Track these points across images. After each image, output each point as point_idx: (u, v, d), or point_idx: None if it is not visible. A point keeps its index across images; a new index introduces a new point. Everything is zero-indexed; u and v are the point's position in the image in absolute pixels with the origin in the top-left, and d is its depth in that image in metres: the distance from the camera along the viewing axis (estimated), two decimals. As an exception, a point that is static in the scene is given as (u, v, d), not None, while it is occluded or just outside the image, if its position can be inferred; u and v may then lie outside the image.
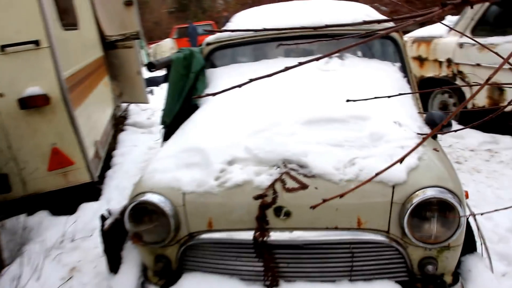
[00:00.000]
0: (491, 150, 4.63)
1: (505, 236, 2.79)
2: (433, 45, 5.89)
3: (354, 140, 2.00)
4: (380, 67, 2.77)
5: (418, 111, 2.55)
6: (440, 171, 1.87)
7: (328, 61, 2.79)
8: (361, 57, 2.89)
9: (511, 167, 4.17)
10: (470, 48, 5.16)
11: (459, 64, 5.39)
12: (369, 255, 1.83)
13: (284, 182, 1.83)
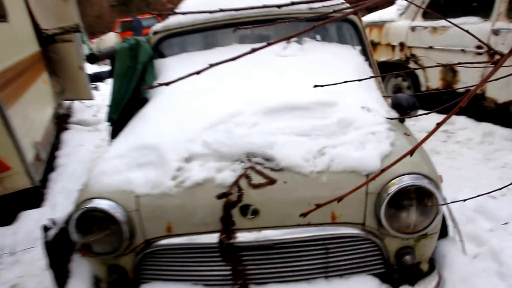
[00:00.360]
0: (448, 131, 4.71)
1: (473, 217, 2.80)
2: (385, 30, 5.93)
3: (321, 128, 1.88)
4: (341, 51, 2.67)
5: (382, 95, 2.48)
6: (415, 157, 1.78)
7: (286, 46, 2.65)
8: (320, 41, 2.78)
9: (468, 146, 4.25)
10: (422, 31, 5.22)
11: (412, 47, 5.45)
12: (345, 250, 1.72)
13: (250, 177, 1.68)
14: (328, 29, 2.91)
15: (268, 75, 2.34)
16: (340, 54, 2.62)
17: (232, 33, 2.81)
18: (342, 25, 2.89)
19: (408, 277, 1.81)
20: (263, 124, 1.90)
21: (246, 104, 2.04)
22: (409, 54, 5.50)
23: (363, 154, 1.73)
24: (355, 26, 2.85)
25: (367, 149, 1.76)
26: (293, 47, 2.65)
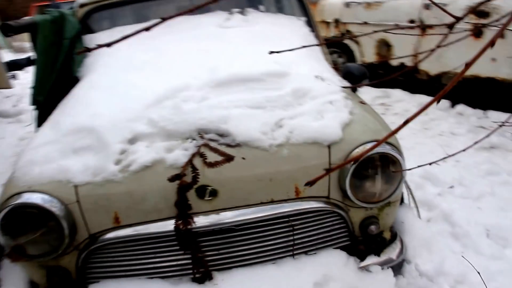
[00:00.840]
0: (385, 104, 4.81)
1: (421, 183, 2.85)
2: (320, 7, 5.92)
3: (276, 99, 1.76)
4: (286, 22, 2.55)
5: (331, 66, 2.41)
6: (374, 124, 1.73)
7: (229, 18, 2.49)
8: (264, 12, 2.64)
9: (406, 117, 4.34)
10: (356, 7, 5.26)
11: (346, 23, 5.49)
12: (310, 225, 1.64)
13: (204, 156, 1.52)
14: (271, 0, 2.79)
15: (213, 47, 2.17)
16: (285, 25, 2.50)
17: (169, 4, 2.60)
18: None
19: (373, 247, 1.77)
20: (213, 98, 1.75)
21: (192, 77, 1.87)
22: (344, 30, 5.54)
23: (323, 124, 1.63)
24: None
25: (327, 119, 1.67)
26: (236, 18, 2.49)
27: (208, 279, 1.56)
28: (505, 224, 2.39)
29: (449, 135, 3.79)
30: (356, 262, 1.71)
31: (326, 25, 5.86)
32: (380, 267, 1.73)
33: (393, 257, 1.78)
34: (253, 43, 2.20)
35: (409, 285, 1.83)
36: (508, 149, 3.37)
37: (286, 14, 2.71)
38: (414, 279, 1.84)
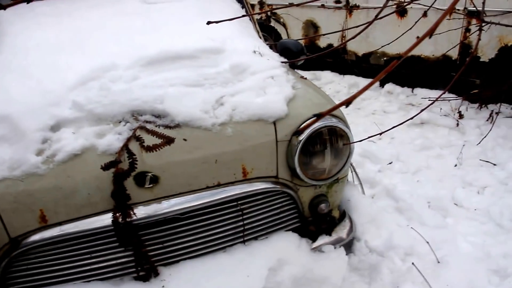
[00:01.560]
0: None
1: (360, 161, 2.95)
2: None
3: (214, 76, 1.70)
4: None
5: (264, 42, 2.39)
6: (318, 98, 1.74)
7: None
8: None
9: (337, 99, 4.49)
10: (281, -12, 5.29)
11: (271, 5, 5.51)
12: (260, 208, 1.61)
13: (141, 139, 1.43)
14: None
15: (138, 24, 2.05)
16: (215, 1, 2.44)
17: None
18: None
19: (324, 227, 1.78)
20: (145, 77, 1.65)
21: (119, 56, 1.75)
22: (270, 12, 5.57)
23: (266, 100, 1.61)
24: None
25: (270, 94, 1.64)
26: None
27: (153, 275, 1.48)
28: (443, 194, 2.55)
29: (381, 113, 3.96)
30: (308, 244, 1.72)
31: (251, 7, 5.84)
32: (332, 246, 1.75)
33: (343, 236, 1.81)
34: (182, 19, 2.12)
35: (361, 262, 1.87)
36: (437, 124, 3.60)
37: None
38: (365, 256, 1.89)
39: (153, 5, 2.26)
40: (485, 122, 3.48)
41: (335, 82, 4.87)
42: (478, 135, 3.30)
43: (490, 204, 2.42)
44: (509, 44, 3.62)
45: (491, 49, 3.77)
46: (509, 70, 3.55)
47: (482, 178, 2.72)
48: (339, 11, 4.79)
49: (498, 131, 3.32)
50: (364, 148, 3.04)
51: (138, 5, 2.25)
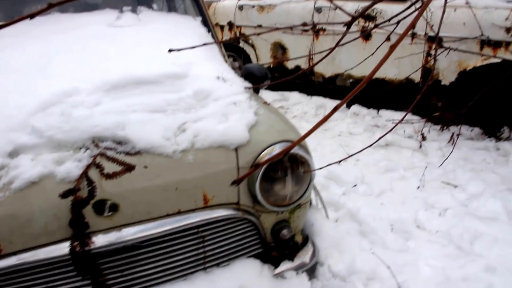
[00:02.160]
0: (284, 107, 5.01)
1: (325, 184, 3.01)
2: (213, 9, 5.98)
3: (177, 102, 1.73)
4: (182, 21, 2.54)
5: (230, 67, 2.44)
6: (280, 124, 1.78)
7: (120, 16, 2.40)
8: (158, 10, 2.59)
9: (305, 120, 4.59)
10: (249, 10, 5.41)
11: (240, 26, 5.62)
12: (222, 235, 1.63)
13: (101, 166, 1.44)
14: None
15: (104, 47, 2.06)
16: (181, 24, 2.48)
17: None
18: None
19: (286, 252, 1.82)
20: (107, 103, 1.66)
21: (82, 81, 1.75)
22: (239, 34, 5.67)
23: (228, 126, 1.64)
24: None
25: (232, 121, 1.68)
26: (128, 17, 2.40)
27: (112, 305, 1.47)
28: (405, 217, 2.62)
29: (347, 135, 4.06)
30: (270, 270, 1.74)
31: (220, 28, 5.94)
32: (295, 272, 1.78)
33: (306, 260, 1.85)
34: (147, 44, 2.15)
35: (324, 287, 1.91)
36: (401, 146, 3.72)
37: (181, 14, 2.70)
38: (328, 280, 1.93)
39: (120, 29, 2.28)
40: (446, 144, 3.62)
41: (303, 103, 4.97)
42: (440, 157, 3.42)
43: (451, 227, 2.51)
44: (468, 69, 3.80)
45: (451, 73, 3.94)
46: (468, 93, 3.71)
47: (444, 200, 2.83)
48: (306, 33, 4.92)
49: (459, 152, 3.46)
50: (329, 170, 3.11)
51: (105, 29, 2.27)
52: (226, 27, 5.85)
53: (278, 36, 5.20)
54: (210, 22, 2.74)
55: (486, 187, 2.90)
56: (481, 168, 3.28)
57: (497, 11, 3.56)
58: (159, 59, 1.96)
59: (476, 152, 3.52)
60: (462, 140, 3.70)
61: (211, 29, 2.69)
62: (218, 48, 2.59)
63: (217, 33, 5.88)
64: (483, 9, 3.64)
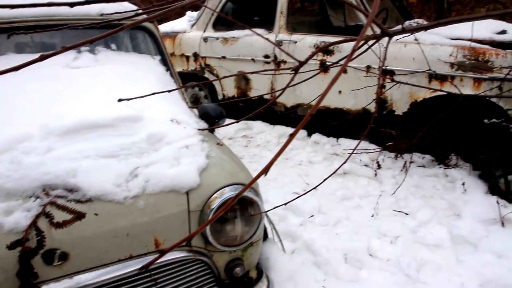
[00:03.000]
0: (247, 136, 5.06)
1: (283, 215, 3.04)
2: (178, 40, 6.03)
3: (130, 146, 1.74)
4: (140, 61, 2.56)
5: (188, 106, 2.47)
6: (231, 167, 1.81)
7: (77, 57, 2.40)
8: (116, 50, 2.61)
9: (267, 149, 4.64)
10: (214, 42, 5.48)
11: (205, 57, 5.68)
12: (175, 277, 1.63)
13: (51, 215, 1.43)
14: (123, 38, 2.77)
15: (59, 90, 2.06)
16: (139, 64, 2.50)
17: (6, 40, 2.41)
18: (138, 34, 2.78)
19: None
20: (59, 149, 1.66)
21: (34, 126, 1.75)
22: (204, 64, 5.72)
23: (179, 170, 1.67)
24: (152, 34, 2.78)
25: (183, 164, 1.70)
26: (85, 57, 2.41)
27: None
28: (359, 246, 2.68)
29: (307, 163, 4.13)
30: (225, 306, 1.76)
31: (186, 58, 5.99)
32: (250, 307, 1.80)
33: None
34: (104, 85, 2.16)
35: (278, 320, 1.93)
36: (358, 174, 3.81)
37: (140, 53, 2.72)
38: (282, 313, 1.95)
39: (76, 70, 2.28)
40: (399, 172, 3.74)
41: (265, 132, 5.03)
42: (394, 185, 3.52)
43: (400, 254, 2.58)
44: (418, 100, 3.95)
45: (404, 103, 4.09)
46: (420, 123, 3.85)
47: (395, 228, 2.91)
48: (268, 65, 5.02)
49: (411, 180, 3.57)
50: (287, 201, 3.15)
51: (61, 70, 2.26)
52: (191, 57, 5.90)
53: (241, 67, 5.28)
54: (169, 60, 2.77)
55: (434, 214, 3.00)
56: (431, 194, 3.40)
57: (442, 48, 3.75)
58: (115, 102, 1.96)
59: (427, 179, 3.64)
60: (415, 167, 3.83)
61: (170, 67, 2.71)
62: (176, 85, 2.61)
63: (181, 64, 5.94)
64: (430, 45, 3.82)
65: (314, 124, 4.80)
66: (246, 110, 5.43)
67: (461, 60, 3.64)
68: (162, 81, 2.43)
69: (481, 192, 3.25)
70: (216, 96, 5.78)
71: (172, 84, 2.59)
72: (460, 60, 3.65)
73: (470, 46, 3.64)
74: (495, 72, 3.50)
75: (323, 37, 4.57)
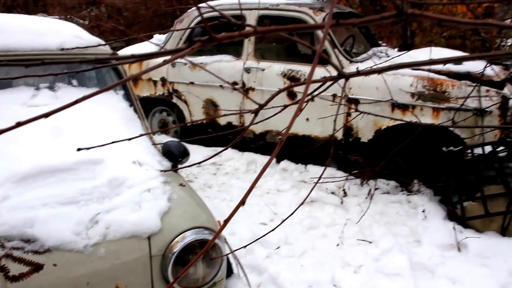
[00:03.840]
0: (216, 163, 5.08)
1: (250, 247, 3.06)
2: (145, 64, 6.04)
3: (91, 191, 1.76)
4: (102, 97, 2.55)
5: (152, 142, 2.49)
6: (193, 209, 1.85)
7: (36, 94, 2.39)
8: (77, 86, 2.61)
9: (236, 177, 4.68)
10: (182, 67, 5.53)
11: (173, 82, 5.71)
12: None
13: (6, 269, 1.43)
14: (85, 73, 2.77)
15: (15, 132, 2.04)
16: (101, 101, 2.51)
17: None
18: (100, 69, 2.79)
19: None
20: (16, 196, 1.66)
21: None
22: (172, 89, 5.75)
23: (141, 215, 1.69)
24: (115, 68, 2.80)
25: (145, 209, 1.73)
26: (44, 94, 2.40)
27: None
28: (323, 277, 2.73)
29: (275, 192, 4.18)
30: None
31: (153, 83, 6.00)
32: None
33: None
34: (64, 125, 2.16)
35: None
36: (325, 202, 3.88)
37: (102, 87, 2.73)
38: None
39: (35, 109, 2.27)
40: (365, 199, 3.83)
41: (234, 159, 5.07)
42: (359, 212, 3.61)
43: (362, 284, 2.65)
44: (382, 128, 4.09)
45: (368, 131, 4.22)
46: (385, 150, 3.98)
47: (359, 257, 2.98)
48: (236, 92, 5.10)
49: (376, 207, 3.67)
50: (254, 232, 3.19)
51: (18, 109, 2.25)
52: (159, 82, 5.92)
53: (210, 93, 5.33)
54: (133, 95, 2.79)
55: (395, 242, 3.09)
56: (395, 221, 3.50)
57: (403, 78, 3.91)
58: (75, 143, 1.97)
59: (391, 205, 3.75)
60: (380, 194, 3.93)
61: (134, 102, 2.73)
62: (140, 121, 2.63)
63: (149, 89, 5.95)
64: (393, 75, 3.97)
65: (282, 151, 4.89)
66: (216, 138, 5.47)
67: (421, 90, 3.80)
68: (125, 118, 2.45)
69: (440, 218, 3.38)
70: (184, 121, 5.81)
71: (135, 120, 2.61)
72: (420, 90, 3.81)
73: (428, 77, 3.81)
74: (451, 102, 3.67)
75: (290, 65, 4.69)
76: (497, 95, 3.60)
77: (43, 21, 2.87)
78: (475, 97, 3.63)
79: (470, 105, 3.64)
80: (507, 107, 3.59)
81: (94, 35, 8.89)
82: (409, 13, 1.13)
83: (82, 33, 2.81)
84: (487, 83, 3.78)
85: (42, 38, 2.51)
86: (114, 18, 11.77)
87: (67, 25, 2.92)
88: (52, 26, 2.72)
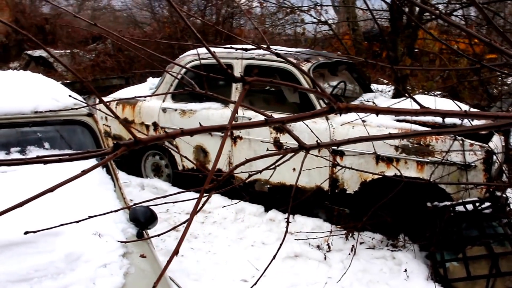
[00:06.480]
0: (205, 211, 5.09)
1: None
2: (138, 108, 6.16)
3: (46, 267, 1.78)
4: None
5: (122, 202, 2.52)
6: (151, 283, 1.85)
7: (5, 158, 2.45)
8: (49, 149, 2.66)
9: (223, 226, 4.68)
10: (172, 113, 5.63)
11: (164, 128, 5.80)
12: None
13: None
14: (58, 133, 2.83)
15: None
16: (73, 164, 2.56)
17: None
18: (75, 129, 2.85)
19: None
20: (-32, 275, 1.68)
21: None
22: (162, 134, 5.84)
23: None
24: (90, 129, 2.86)
25: (98, 286, 1.74)
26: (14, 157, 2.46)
27: None
28: None
29: (260, 245, 4.17)
30: None
31: (146, 127, 6.09)
32: None
33: None
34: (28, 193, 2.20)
35: None
36: (308, 257, 3.86)
37: (77, 148, 2.78)
38: None
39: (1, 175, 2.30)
40: (347, 256, 3.80)
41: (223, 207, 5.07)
42: (342, 269, 3.57)
43: None
44: (367, 180, 4.11)
45: (354, 183, 4.24)
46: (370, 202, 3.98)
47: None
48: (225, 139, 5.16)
49: (359, 264, 3.64)
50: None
51: (-12, 175, 2.30)
52: (151, 127, 6.02)
53: (199, 140, 5.41)
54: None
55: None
56: (378, 279, 3.46)
57: (387, 130, 3.95)
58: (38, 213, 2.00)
59: (375, 262, 3.72)
60: (363, 249, 3.91)
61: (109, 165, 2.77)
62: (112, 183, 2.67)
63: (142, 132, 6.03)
64: (377, 127, 4.02)
65: (271, 200, 4.90)
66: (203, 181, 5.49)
67: (405, 143, 3.84)
68: (96, 181, 2.49)
69: (423, 278, 3.35)
70: (176, 165, 5.87)
71: (107, 181, 2.65)
72: (404, 144, 3.84)
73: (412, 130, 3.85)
74: (435, 155, 3.69)
75: (277, 114, 4.75)
76: (481, 150, 3.62)
77: (22, 83, 2.96)
78: (459, 151, 3.65)
79: (455, 159, 3.66)
80: (491, 161, 3.60)
81: (96, 72, 9.15)
82: (341, 108, 1.18)
83: (59, 94, 2.86)
84: (473, 136, 3.81)
85: (16, 102, 2.59)
86: (114, 56, 12.06)
87: (47, 85, 3.01)
88: (29, 88, 2.81)
